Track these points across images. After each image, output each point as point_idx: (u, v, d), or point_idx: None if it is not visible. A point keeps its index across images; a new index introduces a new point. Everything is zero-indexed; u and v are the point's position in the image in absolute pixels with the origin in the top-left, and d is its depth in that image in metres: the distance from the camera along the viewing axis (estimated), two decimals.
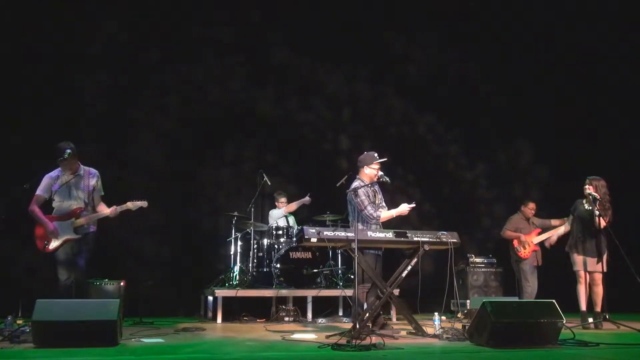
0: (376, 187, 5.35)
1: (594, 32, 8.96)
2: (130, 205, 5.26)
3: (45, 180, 5.19)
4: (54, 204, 5.19)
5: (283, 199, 7.75)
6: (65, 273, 5.08)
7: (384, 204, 5.36)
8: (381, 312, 5.25)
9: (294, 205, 7.66)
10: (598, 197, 6.02)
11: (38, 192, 5.15)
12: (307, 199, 7.57)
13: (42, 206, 5.19)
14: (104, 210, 5.26)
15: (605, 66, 9.00)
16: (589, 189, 6.13)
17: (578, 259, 6.13)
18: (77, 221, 5.14)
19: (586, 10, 8.97)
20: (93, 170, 5.35)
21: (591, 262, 6.07)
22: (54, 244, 5.09)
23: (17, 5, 7.32)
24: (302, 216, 7.97)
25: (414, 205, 5.18)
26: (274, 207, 7.93)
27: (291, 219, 7.83)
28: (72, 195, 5.19)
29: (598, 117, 8.94)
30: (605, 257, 6.02)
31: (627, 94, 8.92)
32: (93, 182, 5.29)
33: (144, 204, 5.32)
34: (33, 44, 7.31)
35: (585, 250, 6.09)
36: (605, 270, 5.99)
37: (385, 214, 5.20)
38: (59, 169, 5.20)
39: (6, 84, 7.11)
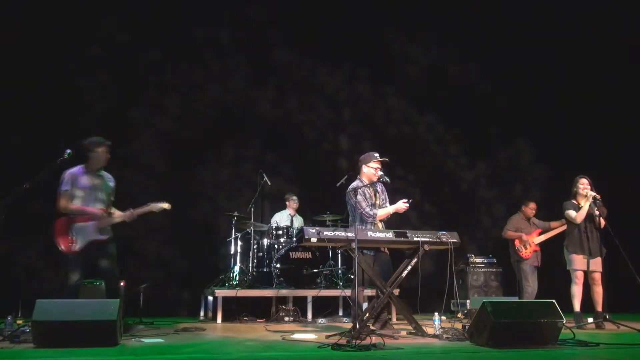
0: (378, 187, 5.32)
1: (594, 31, 8.95)
2: (152, 207, 5.21)
3: (69, 176, 5.03)
4: (75, 202, 5.04)
5: (295, 198, 7.76)
6: (78, 274, 5.01)
7: (387, 204, 5.32)
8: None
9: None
10: (599, 197, 6.02)
11: (65, 188, 4.99)
12: None
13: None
14: (119, 214, 5.19)
15: (605, 65, 8.99)
16: (587, 189, 6.13)
17: (577, 258, 6.10)
18: (102, 222, 5.08)
19: (586, 9, 8.96)
20: (109, 174, 5.30)
21: (594, 262, 6.06)
22: (80, 244, 4.97)
23: (17, 5, 7.32)
24: (302, 216, 7.98)
25: (407, 205, 5.15)
26: (278, 208, 7.93)
27: (298, 221, 7.80)
28: (97, 197, 5.12)
29: (598, 117, 8.94)
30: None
31: (628, 93, 8.92)
32: (113, 185, 5.25)
33: (166, 205, 5.30)
34: (33, 44, 7.31)
35: (588, 249, 6.07)
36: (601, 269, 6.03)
37: (382, 211, 5.18)
38: (80, 166, 5.11)
39: (6, 84, 7.11)
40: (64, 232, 5.00)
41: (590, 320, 5.97)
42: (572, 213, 6.19)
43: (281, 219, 7.71)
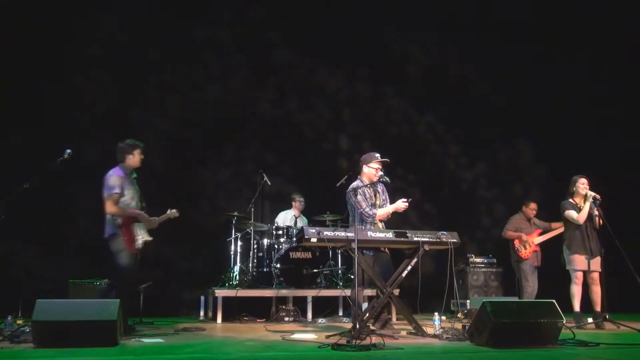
0: (379, 188, 5.33)
1: (594, 31, 8.95)
2: (170, 214, 5.36)
3: (114, 178, 4.98)
4: (121, 204, 5.01)
5: (301, 199, 7.74)
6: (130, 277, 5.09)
7: (387, 204, 5.31)
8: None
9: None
10: (599, 197, 6.03)
11: (115, 191, 4.93)
12: None
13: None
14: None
15: (605, 65, 8.99)
16: (587, 189, 6.13)
17: (579, 258, 6.09)
18: (149, 225, 5.15)
19: (586, 9, 8.97)
20: None
21: (594, 261, 6.05)
22: (140, 244, 5.04)
23: (18, 5, 7.32)
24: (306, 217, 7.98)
25: (407, 204, 5.14)
26: (278, 208, 7.92)
27: (302, 222, 7.77)
28: (138, 199, 5.16)
29: (598, 117, 8.94)
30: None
31: (628, 93, 8.92)
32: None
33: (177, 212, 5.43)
34: (33, 44, 7.31)
35: (588, 249, 6.07)
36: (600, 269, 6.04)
37: (382, 211, 5.19)
38: (118, 168, 5.10)
39: (6, 83, 7.11)
40: (131, 231, 5.01)
41: (590, 320, 5.97)
42: (573, 213, 6.19)
43: (285, 218, 7.69)
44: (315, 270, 6.99)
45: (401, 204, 5.12)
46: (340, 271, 7.29)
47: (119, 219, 4.97)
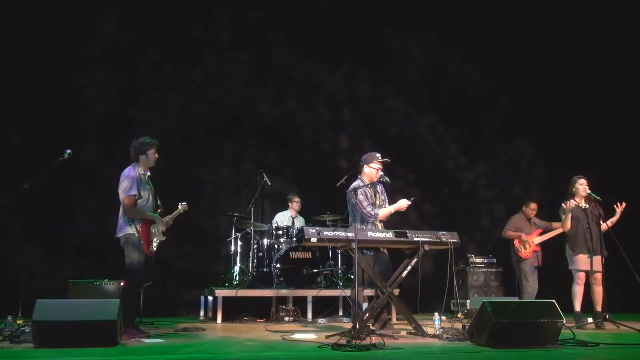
0: (378, 188, 5.33)
1: (594, 31, 8.95)
2: (181, 208, 5.28)
3: (131, 180, 4.90)
4: (138, 206, 4.95)
5: (297, 199, 7.74)
6: (143, 277, 5.08)
7: (387, 204, 5.32)
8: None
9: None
10: (599, 198, 6.03)
11: (132, 192, 4.87)
12: None
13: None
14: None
15: (605, 65, 8.99)
16: (587, 189, 6.14)
17: (582, 258, 6.09)
18: (166, 223, 5.13)
19: (586, 9, 8.97)
20: None
21: (595, 260, 6.05)
22: (155, 246, 5.02)
23: (18, 5, 7.32)
24: (303, 217, 7.98)
25: (410, 203, 5.14)
26: (278, 208, 7.92)
27: (299, 222, 7.78)
28: (154, 198, 5.11)
29: (598, 117, 8.94)
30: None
31: (628, 93, 8.92)
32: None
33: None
34: (33, 44, 7.31)
35: (590, 248, 6.07)
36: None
37: (383, 211, 5.18)
38: (132, 167, 5.04)
39: (6, 83, 7.10)
40: (148, 233, 4.98)
41: (590, 320, 5.97)
42: (562, 219, 6.25)
43: (282, 219, 7.69)
44: (315, 270, 6.98)
45: (403, 203, 5.12)
46: (340, 271, 7.29)
47: (137, 221, 4.91)
